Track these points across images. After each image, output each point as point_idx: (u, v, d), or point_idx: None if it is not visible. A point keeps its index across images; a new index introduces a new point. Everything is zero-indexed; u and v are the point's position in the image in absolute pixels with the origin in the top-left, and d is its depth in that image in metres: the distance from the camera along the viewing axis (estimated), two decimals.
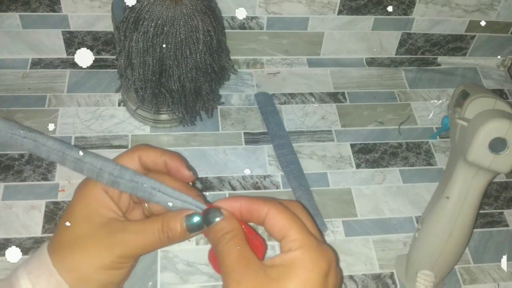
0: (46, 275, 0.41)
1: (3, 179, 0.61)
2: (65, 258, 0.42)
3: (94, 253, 0.41)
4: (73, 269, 0.41)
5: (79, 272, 0.41)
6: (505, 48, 0.80)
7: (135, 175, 0.42)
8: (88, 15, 0.69)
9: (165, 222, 0.42)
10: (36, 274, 0.41)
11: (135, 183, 0.42)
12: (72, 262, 0.41)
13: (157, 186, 0.42)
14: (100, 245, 0.41)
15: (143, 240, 0.42)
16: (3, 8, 0.67)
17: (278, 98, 0.72)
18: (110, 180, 0.42)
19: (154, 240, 0.42)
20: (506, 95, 0.78)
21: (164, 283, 0.55)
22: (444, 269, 0.55)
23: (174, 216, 0.42)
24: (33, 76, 0.71)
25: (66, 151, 0.42)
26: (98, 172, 0.42)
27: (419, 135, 0.71)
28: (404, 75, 0.78)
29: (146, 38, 0.56)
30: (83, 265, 0.41)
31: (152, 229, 0.42)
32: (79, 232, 0.42)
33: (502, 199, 0.66)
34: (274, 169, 0.65)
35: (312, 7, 0.72)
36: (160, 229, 0.41)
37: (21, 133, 0.41)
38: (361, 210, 0.63)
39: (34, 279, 0.41)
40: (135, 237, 0.42)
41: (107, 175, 0.42)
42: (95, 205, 0.43)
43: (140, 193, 0.42)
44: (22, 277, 0.41)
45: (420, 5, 0.73)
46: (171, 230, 0.41)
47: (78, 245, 0.42)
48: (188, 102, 0.62)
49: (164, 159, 0.45)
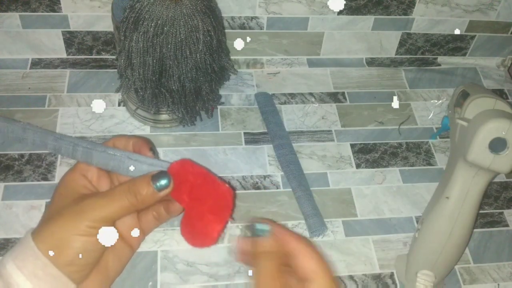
0: (32, 258, 0.42)
1: (3, 179, 0.61)
2: (42, 230, 0.43)
3: (66, 220, 0.43)
4: (48, 238, 0.42)
5: (54, 240, 0.42)
6: (505, 48, 0.80)
7: (107, 148, 0.47)
8: (88, 15, 0.69)
9: (132, 183, 0.44)
10: (21, 258, 0.42)
11: (107, 153, 0.46)
12: (47, 230, 0.43)
13: (126, 153, 0.46)
14: (72, 212, 0.43)
15: (112, 202, 0.44)
16: (3, 8, 0.67)
17: (278, 98, 0.72)
18: (84, 152, 0.46)
19: (123, 201, 0.44)
20: (506, 95, 0.78)
21: (164, 283, 0.55)
22: (444, 269, 0.55)
23: (141, 178, 0.45)
24: (33, 76, 0.71)
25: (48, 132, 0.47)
26: (74, 146, 0.46)
27: (419, 135, 0.71)
28: (404, 75, 0.78)
29: (146, 38, 0.56)
30: (57, 232, 0.43)
31: (119, 191, 0.44)
32: (56, 207, 0.45)
33: (502, 199, 0.66)
34: (274, 169, 0.65)
35: (312, 7, 0.72)
36: (127, 189, 0.44)
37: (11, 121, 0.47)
38: (361, 210, 0.63)
39: (19, 263, 0.42)
40: (103, 200, 0.44)
41: (82, 148, 0.46)
42: (72, 185, 0.46)
43: (111, 162, 0.46)
44: (8, 263, 0.42)
45: (420, 5, 0.73)
46: (138, 191, 0.44)
47: (53, 217, 0.44)
48: (188, 102, 0.62)
49: (132, 142, 0.49)
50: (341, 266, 0.58)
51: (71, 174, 0.47)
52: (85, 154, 0.46)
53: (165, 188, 0.44)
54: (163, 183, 0.44)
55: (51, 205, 0.45)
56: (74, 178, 0.47)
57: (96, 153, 0.46)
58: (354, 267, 0.58)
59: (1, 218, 0.58)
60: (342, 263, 0.58)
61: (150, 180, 0.44)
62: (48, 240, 0.42)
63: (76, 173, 0.47)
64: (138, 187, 0.44)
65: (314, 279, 0.40)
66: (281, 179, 0.64)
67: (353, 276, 0.58)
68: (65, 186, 0.46)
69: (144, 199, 0.44)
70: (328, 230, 0.61)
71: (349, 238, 0.60)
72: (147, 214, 0.49)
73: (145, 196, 0.44)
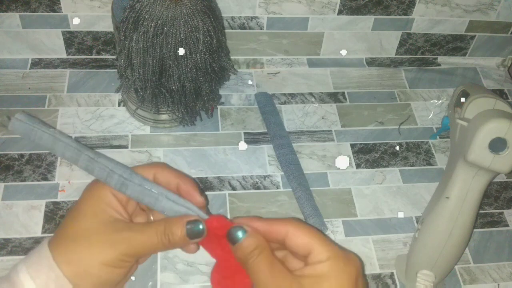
0: (46, 269, 0.41)
1: (3, 179, 0.61)
2: (67, 251, 0.42)
3: (97, 248, 0.41)
4: (74, 262, 0.41)
5: (80, 266, 0.41)
6: (505, 48, 0.80)
7: (144, 180, 0.43)
8: (88, 15, 0.69)
9: (168, 225, 0.43)
10: (36, 268, 0.41)
11: (143, 188, 0.43)
12: (74, 255, 0.41)
13: (164, 193, 0.43)
14: (104, 240, 0.42)
15: (146, 240, 0.42)
16: (3, 8, 0.67)
17: (278, 98, 0.72)
18: (119, 181, 0.43)
19: (156, 241, 0.42)
20: (506, 95, 0.78)
21: (164, 283, 0.55)
22: (444, 269, 0.55)
23: (177, 220, 0.43)
24: (33, 76, 0.71)
25: (81, 149, 0.43)
26: (109, 172, 0.43)
27: (419, 135, 0.71)
28: (404, 75, 0.78)
29: (146, 38, 0.56)
30: (85, 259, 0.41)
31: (156, 230, 0.42)
32: (84, 227, 0.43)
33: (502, 199, 0.66)
34: (274, 169, 0.65)
35: (312, 7, 0.72)
36: (162, 231, 0.42)
37: (41, 127, 0.43)
38: (361, 210, 0.63)
39: (33, 272, 0.41)
40: (138, 236, 0.42)
41: (117, 176, 0.43)
42: (102, 204, 0.44)
43: (147, 198, 0.43)
44: (21, 271, 0.41)
45: (420, 5, 0.73)
46: (172, 234, 0.42)
47: (82, 239, 0.42)
48: (188, 102, 0.62)
49: (177, 181, 0.46)
50: None
51: (101, 190, 0.44)
52: (119, 183, 0.43)
53: (198, 237, 0.43)
54: (198, 231, 0.43)
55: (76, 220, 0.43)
56: (104, 196, 0.44)
57: (132, 185, 0.43)
58: None
59: (1, 218, 0.58)
60: None
61: (185, 225, 0.43)
62: (73, 265, 0.41)
63: (106, 190, 0.44)
64: (173, 230, 0.42)
65: (311, 249, 0.40)
66: (281, 179, 0.64)
67: None
68: (94, 204, 0.44)
69: (175, 243, 0.43)
70: (328, 230, 0.61)
71: (349, 238, 0.60)
72: None
73: (177, 240, 0.43)
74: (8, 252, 0.55)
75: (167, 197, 0.43)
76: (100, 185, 0.44)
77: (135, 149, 0.65)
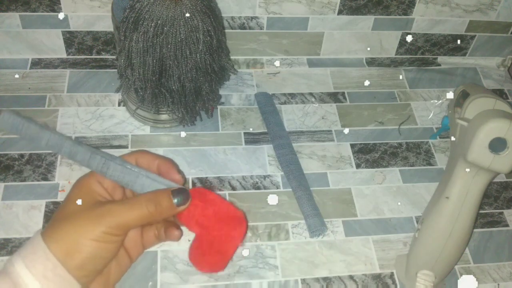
0: (42, 259, 0.41)
1: (3, 179, 0.61)
2: (55, 231, 0.43)
3: (83, 224, 0.43)
4: (62, 239, 0.42)
5: (68, 242, 0.42)
6: (505, 48, 0.80)
7: (124, 161, 0.46)
8: (88, 15, 0.69)
9: (153, 193, 0.45)
10: (31, 258, 0.42)
11: (124, 167, 0.46)
12: (61, 232, 0.43)
13: (144, 172, 0.46)
14: (89, 216, 0.43)
15: (131, 210, 0.44)
16: (3, 8, 0.67)
17: (278, 98, 0.72)
18: (101, 162, 0.46)
19: (142, 210, 0.44)
20: (506, 95, 0.78)
21: (164, 283, 0.55)
22: (444, 269, 0.55)
23: (162, 190, 0.46)
24: (33, 76, 0.71)
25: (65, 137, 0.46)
26: (91, 155, 0.46)
27: (419, 135, 0.71)
28: (404, 75, 0.78)
29: (146, 38, 0.56)
30: (72, 235, 0.42)
31: (140, 200, 0.45)
32: (71, 210, 0.45)
33: (502, 199, 0.66)
34: (274, 169, 0.65)
35: (312, 7, 0.72)
36: (147, 199, 0.45)
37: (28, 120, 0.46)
38: (361, 210, 0.63)
39: (29, 263, 0.41)
40: (122, 207, 0.44)
41: (99, 158, 0.46)
42: (88, 190, 0.46)
43: (127, 177, 0.46)
44: (16, 262, 0.42)
45: (420, 5, 0.73)
46: (159, 202, 0.45)
47: (68, 219, 0.44)
48: (188, 102, 0.62)
49: (157, 162, 0.49)
50: (341, 266, 0.58)
51: (87, 179, 0.47)
52: (101, 163, 0.46)
53: (183, 204, 0.46)
54: (183, 198, 0.46)
55: (64, 207, 0.45)
56: (90, 184, 0.46)
57: (114, 164, 0.46)
58: (354, 267, 0.58)
59: (1, 218, 0.58)
60: (342, 263, 0.58)
61: (171, 194, 0.45)
62: (61, 242, 0.42)
63: (92, 179, 0.47)
64: (159, 198, 0.45)
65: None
66: (281, 179, 0.64)
67: (353, 276, 0.58)
68: (80, 190, 0.46)
69: (163, 211, 0.45)
70: (328, 230, 0.61)
71: (349, 238, 0.60)
72: (149, 231, 0.50)
73: (164, 208, 0.45)
74: (8, 252, 0.55)
75: (147, 175, 0.46)
76: (87, 176, 0.47)
77: (135, 149, 0.65)
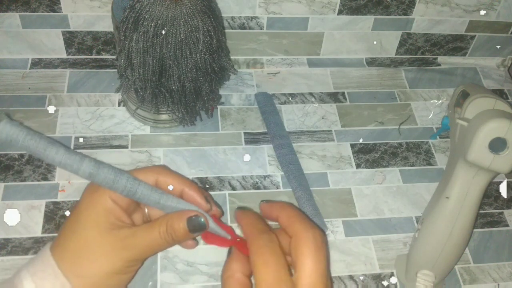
0: (52, 277, 0.41)
1: (3, 179, 0.61)
2: (75, 264, 0.42)
3: (104, 259, 0.42)
4: (83, 276, 0.42)
5: (89, 279, 0.42)
6: (505, 48, 0.80)
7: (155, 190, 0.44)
8: (88, 15, 0.69)
9: (169, 223, 0.43)
10: (41, 276, 0.41)
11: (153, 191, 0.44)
12: (82, 268, 0.42)
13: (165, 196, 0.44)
14: (110, 250, 0.42)
15: (150, 242, 0.43)
16: (3, 8, 0.67)
17: (278, 98, 0.72)
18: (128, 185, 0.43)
19: (160, 241, 0.43)
20: (506, 95, 0.78)
21: (164, 283, 0.55)
22: (444, 269, 0.55)
23: (177, 216, 0.44)
24: (33, 76, 0.71)
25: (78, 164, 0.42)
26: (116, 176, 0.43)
27: (419, 135, 0.71)
28: (404, 75, 0.78)
29: (146, 38, 0.56)
30: (93, 271, 0.42)
31: (158, 231, 0.43)
32: (87, 237, 0.43)
33: (502, 199, 0.66)
34: (274, 169, 0.65)
35: (312, 7, 0.72)
36: (164, 230, 0.43)
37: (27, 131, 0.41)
38: (361, 210, 0.63)
39: (38, 281, 0.41)
40: (142, 241, 0.43)
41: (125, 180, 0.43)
42: (103, 212, 0.44)
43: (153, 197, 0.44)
44: (25, 279, 0.41)
45: (420, 5, 0.73)
46: (174, 231, 0.43)
47: (87, 251, 0.42)
48: (188, 102, 0.62)
49: (182, 188, 0.47)
50: (341, 266, 0.58)
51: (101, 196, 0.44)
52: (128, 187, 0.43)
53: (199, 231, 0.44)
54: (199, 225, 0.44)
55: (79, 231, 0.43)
56: (104, 204, 0.44)
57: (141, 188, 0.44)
58: (354, 267, 0.58)
59: (1, 218, 0.58)
60: (342, 263, 0.58)
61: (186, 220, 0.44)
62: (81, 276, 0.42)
63: (106, 196, 0.44)
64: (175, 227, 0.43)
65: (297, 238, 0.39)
66: (281, 179, 0.64)
67: (353, 276, 0.58)
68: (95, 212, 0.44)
69: (178, 239, 0.44)
70: (328, 230, 0.61)
71: (349, 238, 0.60)
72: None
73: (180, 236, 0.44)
74: (8, 252, 0.55)
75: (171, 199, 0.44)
76: (100, 191, 0.44)
77: (135, 149, 0.65)
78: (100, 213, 0.43)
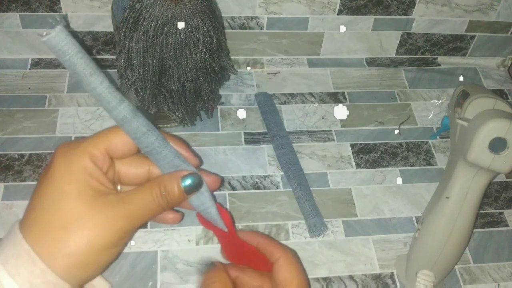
0: (28, 264, 0.36)
1: (3, 179, 0.61)
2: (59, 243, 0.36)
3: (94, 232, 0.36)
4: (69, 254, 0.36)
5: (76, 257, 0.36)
6: (505, 48, 0.80)
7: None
8: (88, 15, 0.69)
9: (162, 185, 0.39)
10: (14, 263, 0.36)
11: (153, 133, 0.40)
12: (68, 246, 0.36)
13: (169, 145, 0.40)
14: (101, 221, 0.37)
15: (144, 208, 0.38)
16: (3, 8, 0.67)
17: (278, 98, 0.72)
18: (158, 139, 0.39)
19: (155, 206, 0.39)
20: (506, 95, 0.78)
21: (164, 283, 0.55)
22: (444, 269, 0.55)
23: (170, 177, 0.39)
24: (33, 76, 0.71)
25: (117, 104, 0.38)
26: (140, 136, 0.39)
27: (419, 135, 0.71)
28: (404, 75, 0.78)
29: (146, 38, 0.56)
30: (81, 248, 0.36)
31: (151, 196, 0.39)
32: (70, 209, 0.37)
33: (502, 199, 0.66)
34: (274, 169, 0.65)
35: (312, 7, 0.72)
36: (158, 193, 0.39)
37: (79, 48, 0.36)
38: (361, 210, 0.63)
39: (12, 269, 0.36)
40: (135, 207, 0.38)
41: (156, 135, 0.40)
42: (84, 177, 0.37)
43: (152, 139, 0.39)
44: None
45: (420, 5, 0.73)
46: (168, 193, 0.39)
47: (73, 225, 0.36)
48: (188, 102, 0.62)
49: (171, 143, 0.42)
50: (341, 266, 0.58)
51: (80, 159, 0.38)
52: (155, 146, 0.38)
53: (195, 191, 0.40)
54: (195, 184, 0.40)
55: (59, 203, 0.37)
56: (85, 168, 0.37)
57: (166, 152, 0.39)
58: (354, 267, 0.58)
59: (1, 218, 0.58)
60: (342, 263, 0.58)
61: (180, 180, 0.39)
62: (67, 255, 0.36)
63: (86, 157, 0.38)
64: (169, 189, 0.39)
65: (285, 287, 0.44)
66: (281, 179, 0.64)
67: (353, 276, 0.58)
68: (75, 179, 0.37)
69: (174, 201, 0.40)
70: (328, 230, 0.61)
71: (349, 238, 0.60)
72: None
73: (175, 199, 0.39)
74: None
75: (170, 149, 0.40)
76: (78, 152, 0.38)
77: None
78: (81, 178, 0.37)
